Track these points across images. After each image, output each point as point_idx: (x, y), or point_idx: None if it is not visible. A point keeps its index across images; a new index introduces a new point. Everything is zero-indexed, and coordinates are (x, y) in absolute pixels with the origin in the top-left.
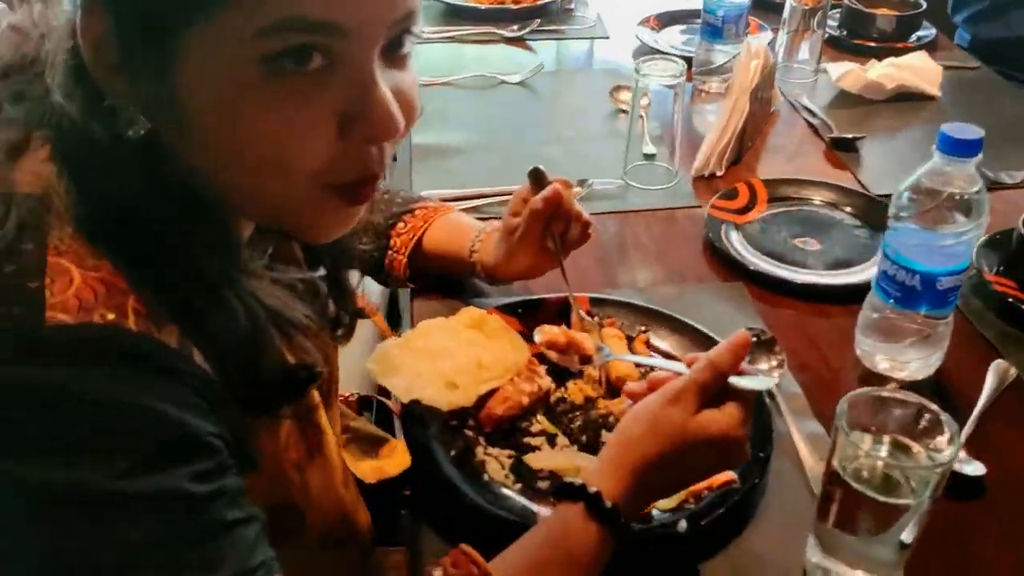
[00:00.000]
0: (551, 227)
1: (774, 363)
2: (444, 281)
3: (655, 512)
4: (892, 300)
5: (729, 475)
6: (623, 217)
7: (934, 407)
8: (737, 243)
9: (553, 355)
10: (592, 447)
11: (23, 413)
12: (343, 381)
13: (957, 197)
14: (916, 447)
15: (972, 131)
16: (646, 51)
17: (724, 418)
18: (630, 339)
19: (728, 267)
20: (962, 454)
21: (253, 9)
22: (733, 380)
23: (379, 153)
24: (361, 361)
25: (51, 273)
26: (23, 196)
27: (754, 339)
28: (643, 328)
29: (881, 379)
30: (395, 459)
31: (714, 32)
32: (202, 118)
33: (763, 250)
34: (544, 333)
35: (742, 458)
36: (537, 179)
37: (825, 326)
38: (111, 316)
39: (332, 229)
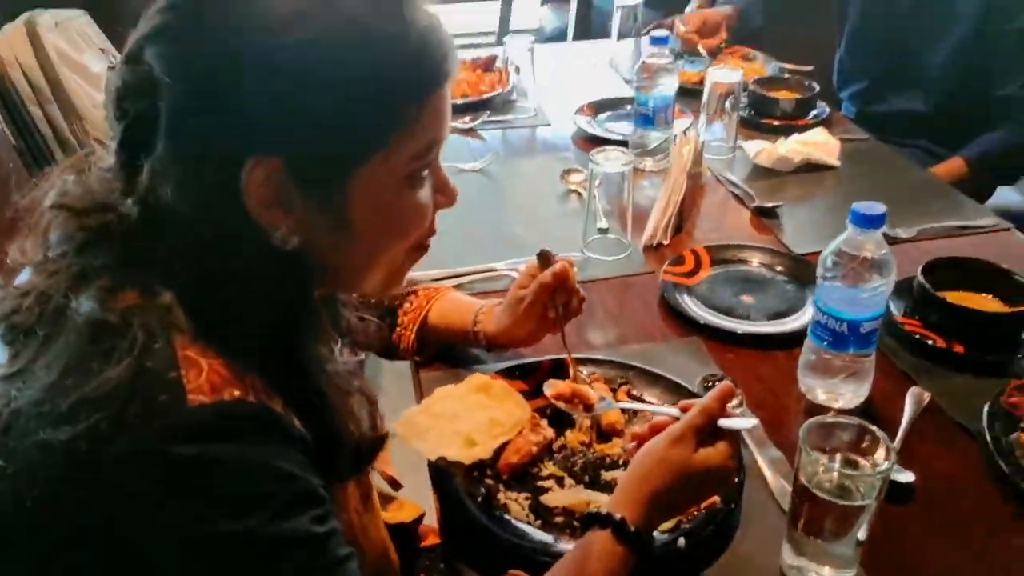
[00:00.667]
0: (555, 299)
1: (735, 403)
2: (443, 352)
3: (655, 533)
4: (825, 343)
5: (714, 498)
6: (587, 286)
7: (873, 428)
8: (689, 302)
9: (562, 404)
10: (595, 484)
11: (184, 482)
12: None
13: (870, 259)
14: (861, 461)
15: (877, 207)
16: (583, 135)
17: (717, 454)
18: (613, 390)
19: (683, 324)
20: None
21: (411, 139)
22: (722, 422)
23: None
24: None
25: (184, 364)
26: (139, 311)
27: (717, 384)
28: (622, 380)
29: (822, 409)
30: (405, 511)
31: (646, 120)
32: (355, 226)
33: (712, 307)
34: (553, 387)
35: (731, 485)
36: (544, 258)
37: (771, 368)
38: (237, 393)
39: (403, 279)
